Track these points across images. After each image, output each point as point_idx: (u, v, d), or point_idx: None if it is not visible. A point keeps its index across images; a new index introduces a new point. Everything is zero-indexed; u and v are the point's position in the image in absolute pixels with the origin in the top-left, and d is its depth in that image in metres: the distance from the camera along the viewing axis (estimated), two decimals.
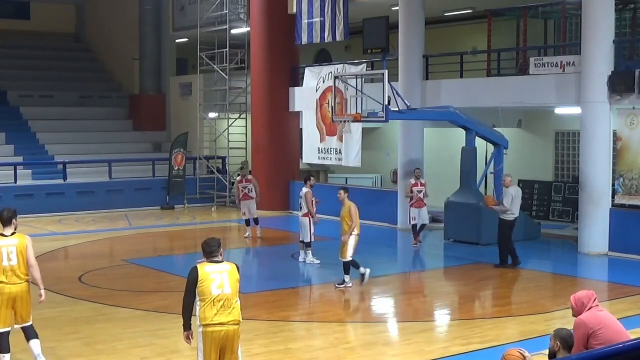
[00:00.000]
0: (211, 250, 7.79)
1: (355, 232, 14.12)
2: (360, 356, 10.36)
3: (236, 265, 7.89)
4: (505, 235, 15.99)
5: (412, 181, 18.70)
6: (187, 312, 7.85)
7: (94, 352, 10.47)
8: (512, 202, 15.88)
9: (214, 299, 7.60)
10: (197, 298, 7.68)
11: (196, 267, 7.75)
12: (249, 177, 20.28)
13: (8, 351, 9.56)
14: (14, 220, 9.47)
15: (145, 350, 10.51)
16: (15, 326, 9.56)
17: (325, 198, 17.60)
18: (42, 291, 9.68)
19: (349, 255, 14.06)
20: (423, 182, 18.68)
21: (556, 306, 12.94)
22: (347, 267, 14.10)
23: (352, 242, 14.09)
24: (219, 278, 7.63)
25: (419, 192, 18.48)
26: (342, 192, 14.41)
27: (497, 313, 12.79)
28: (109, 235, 20.61)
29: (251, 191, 19.95)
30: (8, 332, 9.53)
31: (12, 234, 9.44)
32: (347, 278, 14.11)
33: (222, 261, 7.79)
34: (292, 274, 16.20)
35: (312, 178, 16.99)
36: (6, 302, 9.31)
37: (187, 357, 10.54)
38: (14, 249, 9.29)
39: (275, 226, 22.73)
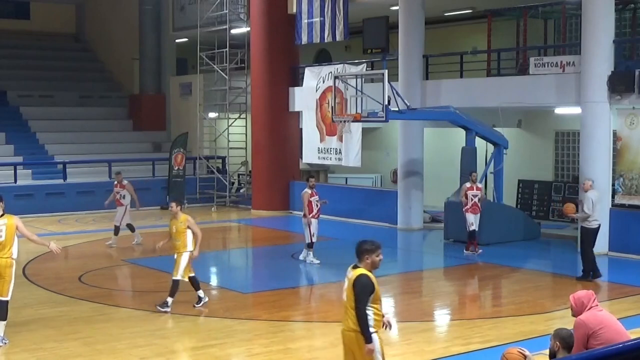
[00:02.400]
0: (355, 252, 7.73)
1: (191, 248, 12.53)
2: None
3: (358, 275, 7.50)
4: (589, 245, 14.71)
5: (468, 185, 17.54)
6: None
7: (94, 352, 10.46)
8: (593, 208, 14.57)
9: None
10: None
11: None
12: (124, 182, 18.85)
13: (4, 319, 10.69)
14: (0, 204, 10.75)
15: (145, 350, 10.50)
16: None
17: (325, 198, 17.58)
18: (51, 245, 10.99)
19: (180, 273, 12.39)
20: (480, 186, 17.67)
21: (556, 306, 12.94)
22: (176, 288, 12.36)
23: (185, 259, 12.51)
24: (346, 283, 7.70)
25: (475, 196, 17.35)
26: (174, 204, 12.52)
27: (497, 313, 12.79)
28: (109, 235, 20.56)
29: (123, 197, 18.69)
30: (5, 302, 10.66)
31: (2, 215, 10.71)
32: (169, 300, 12.39)
33: (355, 267, 7.63)
34: (292, 274, 16.20)
35: (311, 179, 16.97)
36: None
37: (187, 357, 10.56)
38: (3, 227, 10.58)
39: (275, 226, 22.74)
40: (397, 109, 18.13)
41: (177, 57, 32.39)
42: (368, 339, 7.48)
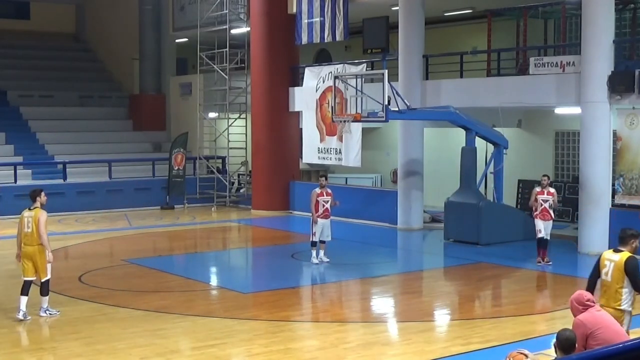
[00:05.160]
0: (619, 237, 8.76)
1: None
2: (360, 356, 10.35)
3: (629, 257, 8.44)
4: None
5: (538, 189, 16.32)
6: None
7: (94, 352, 10.46)
8: None
9: (602, 283, 8.66)
10: None
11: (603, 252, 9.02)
12: None
13: (26, 295, 11.80)
14: (38, 198, 12.40)
15: (145, 350, 10.50)
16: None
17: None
18: (50, 254, 12.14)
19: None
20: (552, 191, 16.28)
21: (556, 306, 12.93)
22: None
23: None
24: (608, 265, 8.62)
25: (545, 201, 16.11)
26: None
27: (497, 313, 12.79)
28: (109, 235, 20.61)
29: None
30: (30, 281, 11.91)
31: (35, 208, 12.24)
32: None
33: (621, 251, 8.59)
34: (292, 274, 16.20)
35: (321, 179, 17.01)
36: (26, 257, 12.04)
37: (187, 357, 10.55)
38: (31, 220, 12.11)
39: (275, 226, 22.75)
40: (397, 109, 18.12)
41: (177, 57, 32.38)
42: None
